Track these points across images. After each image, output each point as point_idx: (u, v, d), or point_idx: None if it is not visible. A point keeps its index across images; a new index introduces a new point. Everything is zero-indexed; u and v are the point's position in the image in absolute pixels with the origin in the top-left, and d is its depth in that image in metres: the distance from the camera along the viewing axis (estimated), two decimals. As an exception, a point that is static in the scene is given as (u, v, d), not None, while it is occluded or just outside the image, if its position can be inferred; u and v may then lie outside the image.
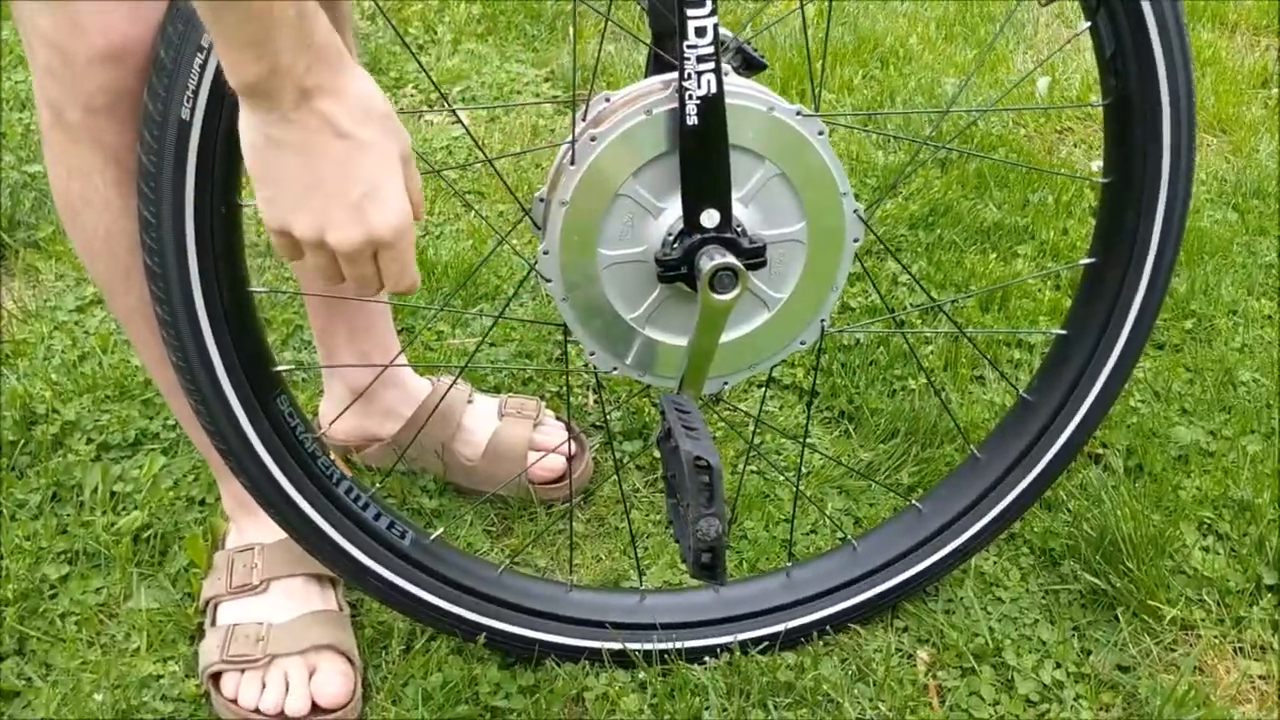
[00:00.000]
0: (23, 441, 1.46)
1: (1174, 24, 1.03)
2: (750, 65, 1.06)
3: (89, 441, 1.46)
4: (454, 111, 2.07)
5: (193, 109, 0.90)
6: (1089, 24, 1.05)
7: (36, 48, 0.94)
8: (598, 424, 1.54)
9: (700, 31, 0.90)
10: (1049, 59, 2.41)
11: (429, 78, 2.08)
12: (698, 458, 0.87)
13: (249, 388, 1.00)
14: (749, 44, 1.06)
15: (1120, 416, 1.53)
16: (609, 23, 1.14)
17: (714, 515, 0.87)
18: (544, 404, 1.48)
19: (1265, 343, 1.68)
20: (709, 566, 0.89)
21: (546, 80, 2.39)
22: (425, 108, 2.29)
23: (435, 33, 2.53)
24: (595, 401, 1.57)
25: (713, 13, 0.91)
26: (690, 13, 0.90)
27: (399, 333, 1.54)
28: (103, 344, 1.62)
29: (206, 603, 1.23)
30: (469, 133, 1.34)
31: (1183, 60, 1.04)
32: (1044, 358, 1.23)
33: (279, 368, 1.04)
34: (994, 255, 1.82)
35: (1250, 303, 1.76)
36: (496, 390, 1.56)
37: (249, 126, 0.79)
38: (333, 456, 1.12)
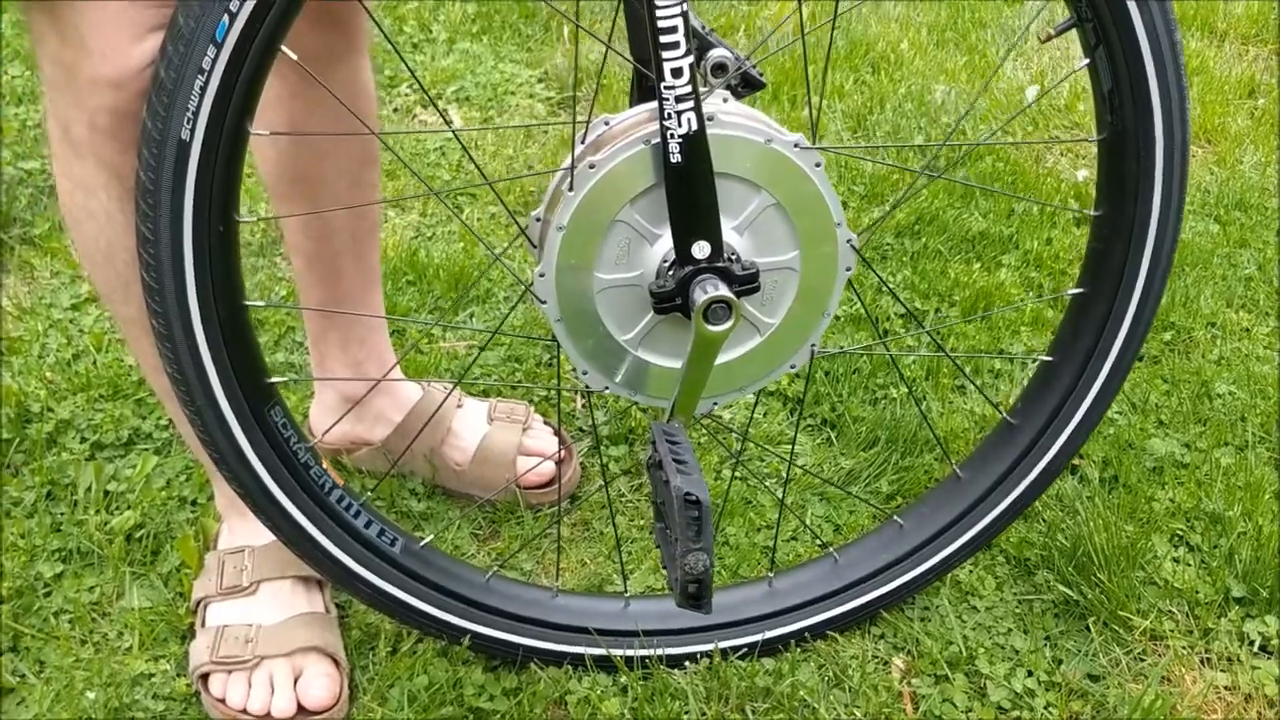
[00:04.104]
0: (17, 439, 1.48)
1: (1172, 65, 1.04)
2: (749, 84, 1.07)
3: (83, 440, 1.48)
4: (455, 134, 2.09)
5: (193, 130, 0.92)
6: (1088, 60, 1.07)
7: (45, 64, 0.96)
8: (584, 428, 1.57)
9: (677, 72, 0.92)
10: (1047, 90, 2.44)
11: (430, 99, 2.10)
12: (688, 494, 0.89)
13: (243, 399, 1.02)
14: (750, 61, 1.07)
15: (1098, 428, 1.56)
16: (612, 48, 1.15)
17: (702, 550, 0.89)
18: (533, 408, 1.50)
19: (1242, 355, 1.71)
20: (695, 596, 0.92)
21: (540, 81, 2.41)
22: (420, 108, 2.30)
23: (430, 31, 2.54)
24: (583, 406, 1.60)
25: (688, 53, 0.92)
26: (666, 55, 0.92)
27: (389, 334, 1.56)
28: (97, 343, 1.64)
29: (197, 603, 1.26)
30: (469, 155, 1.36)
31: (1179, 100, 1.06)
32: (1028, 382, 1.26)
33: (273, 380, 1.06)
34: (978, 265, 1.85)
35: (1229, 315, 1.79)
36: (485, 394, 1.59)
37: None
38: (324, 462, 1.14)
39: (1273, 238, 1.97)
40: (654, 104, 0.98)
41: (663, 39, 0.92)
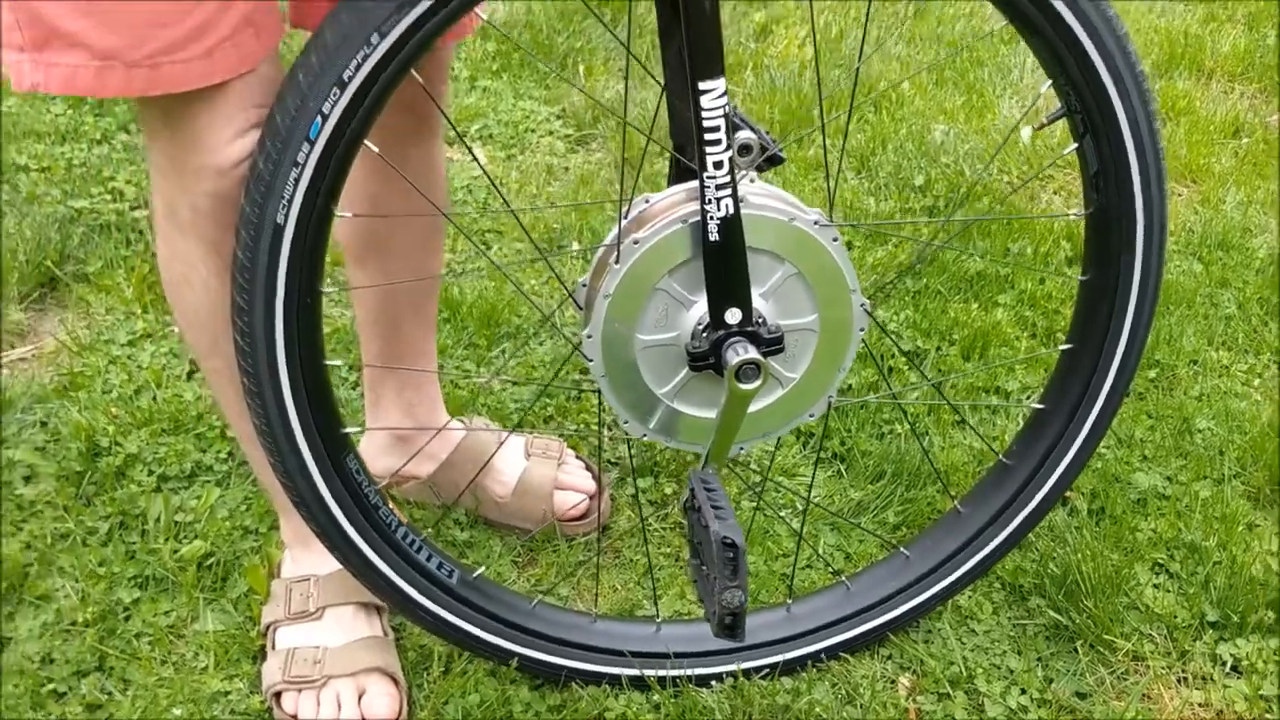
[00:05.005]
0: (89, 471, 1.60)
1: (1151, 153, 1.18)
2: (771, 161, 1.20)
3: (150, 473, 1.60)
4: (514, 214, 2.17)
5: (286, 215, 1.04)
6: (1076, 145, 1.20)
7: (155, 154, 1.09)
8: (612, 460, 1.69)
9: (718, 164, 1.05)
10: (1040, 171, 2.56)
11: (480, 163, 2.21)
12: (725, 538, 1.02)
13: (323, 449, 1.15)
14: (772, 139, 1.18)
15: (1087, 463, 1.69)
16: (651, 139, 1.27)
17: (738, 587, 1.02)
18: (565, 444, 1.62)
19: (1221, 392, 1.84)
20: (731, 627, 1.05)
21: (559, 118, 2.54)
22: (446, 145, 2.41)
23: (453, 69, 2.66)
24: (610, 438, 1.72)
25: (728, 148, 1.05)
26: (708, 150, 1.04)
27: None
28: (156, 378, 1.76)
29: (267, 627, 1.38)
30: (524, 229, 1.48)
31: (1158, 184, 1.19)
32: (1022, 426, 1.39)
33: (348, 430, 1.18)
34: (976, 304, 1.97)
35: (1210, 353, 1.92)
36: (518, 427, 1.71)
37: None
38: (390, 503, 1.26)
39: (1252, 277, 2.10)
40: (690, 184, 1.11)
41: (706, 136, 1.04)
